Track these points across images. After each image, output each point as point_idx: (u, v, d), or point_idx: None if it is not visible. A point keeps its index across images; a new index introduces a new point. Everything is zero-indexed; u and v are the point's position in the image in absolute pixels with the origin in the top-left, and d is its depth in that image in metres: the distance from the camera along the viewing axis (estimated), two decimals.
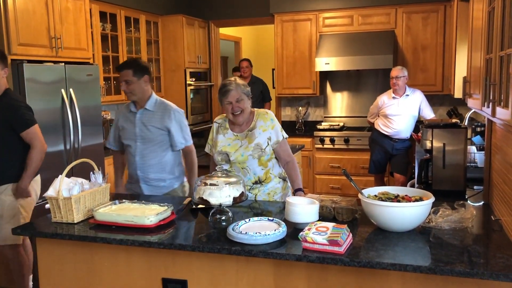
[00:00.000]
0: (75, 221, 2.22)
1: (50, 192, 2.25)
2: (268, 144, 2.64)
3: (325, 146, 5.73)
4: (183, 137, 2.99)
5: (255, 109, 2.74)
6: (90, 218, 2.26)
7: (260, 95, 6.12)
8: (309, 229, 1.84)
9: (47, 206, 2.29)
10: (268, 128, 2.65)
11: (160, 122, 2.93)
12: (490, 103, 1.82)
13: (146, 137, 2.95)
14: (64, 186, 2.26)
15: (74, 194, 2.23)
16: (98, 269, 2.13)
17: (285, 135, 2.73)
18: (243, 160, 2.60)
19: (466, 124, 4.06)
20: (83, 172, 2.67)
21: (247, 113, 2.63)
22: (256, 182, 2.64)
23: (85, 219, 2.26)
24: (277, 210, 2.41)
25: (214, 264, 1.96)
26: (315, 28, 5.90)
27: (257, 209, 2.45)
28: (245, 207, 2.45)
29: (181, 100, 6.08)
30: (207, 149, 2.82)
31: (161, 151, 2.96)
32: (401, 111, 4.74)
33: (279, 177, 2.73)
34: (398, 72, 4.71)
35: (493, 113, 1.79)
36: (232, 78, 2.66)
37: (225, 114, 2.77)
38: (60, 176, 2.26)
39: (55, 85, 3.79)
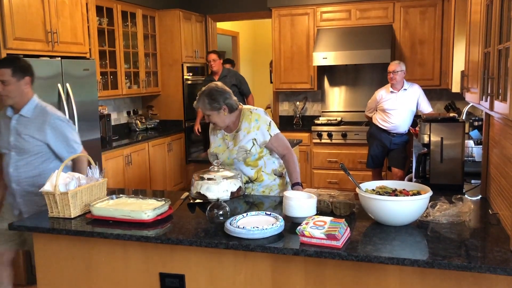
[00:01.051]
0: (72, 216, 2.21)
1: (47, 187, 2.24)
2: (254, 144, 2.57)
3: (323, 141, 5.73)
4: (67, 149, 2.62)
5: (243, 107, 2.65)
6: (87, 213, 2.25)
7: (235, 89, 5.45)
8: (306, 223, 1.84)
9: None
10: (253, 129, 2.56)
11: (37, 132, 2.59)
12: (488, 97, 1.81)
13: (21, 147, 2.60)
14: (61, 181, 2.25)
15: (71, 189, 2.22)
16: (95, 264, 2.13)
17: (275, 132, 2.61)
18: (229, 163, 2.58)
19: (463, 118, 4.06)
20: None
21: (223, 123, 2.57)
22: (247, 182, 2.62)
23: (82, 214, 2.26)
24: (275, 205, 2.40)
25: (211, 258, 1.95)
26: (312, 23, 5.88)
27: (255, 204, 2.45)
28: (243, 201, 2.45)
29: (178, 95, 6.07)
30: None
31: (40, 162, 2.62)
32: (399, 106, 4.74)
33: (274, 174, 2.69)
34: (395, 66, 4.70)
35: (491, 107, 1.79)
36: (204, 88, 2.55)
37: None
38: (56, 171, 2.25)
39: (52, 80, 3.77)
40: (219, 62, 5.61)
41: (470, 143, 3.37)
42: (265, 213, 2.07)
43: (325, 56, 5.54)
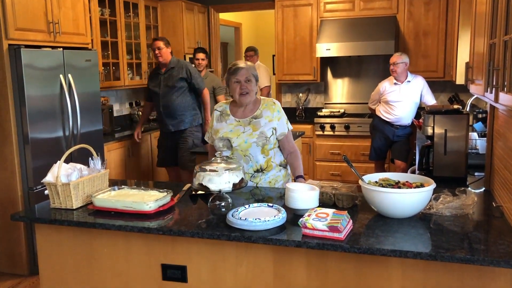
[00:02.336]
0: (74, 207, 2.21)
1: (49, 178, 2.24)
2: (273, 133, 2.63)
3: (326, 133, 5.71)
4: None
5: (262, 97, 2.72)
6: (89, 204, 2.25)
7: (184, 84, 4.64)
8: (309, 215, 1.83)
9: (46, 192, 2.28)
10: (275, 119, 2.63)
11: None
12: (493, 89, 1.79)
13: None
14: (63, 172, 2.24)
15: (73, 180, 2.22)
16: (97, 255, 2.13)
17: (290, 127, 2.73)
18: (246, 147, 2.58)
19: (467, 110, 4.04)
20: (82, 158, 2.66)
21: (252, 96, 2.61)
22: (257, 171, 2.63)
23: (84, 205, 2.25)
24: (278, 196, 2.40)
25: (213, 250, 1.95)
26: (316, 14, 5.84)
27: (258, 195, 2.44)
28: (246, 193, 2.44)
29: None
30: (206, 137, 2.79)
31: None
32: (403, 98, 4.71)
33: (280, 165, 2.72)
34: (396, 58, 4.67)
35: (496, 99, 1.77)
36: (242, 60, 2.64)
37: (225, 101, 2.75)
38: (58, 162, 2.25)
39: (53, 71, 3.75)
40: (166, 50, 4.59)
41: (474, 135, 3.35)
42: (267, 204, 2.07)
43: (328, 47, 5.51)
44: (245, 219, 1.86)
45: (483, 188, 2.47)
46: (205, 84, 4.77)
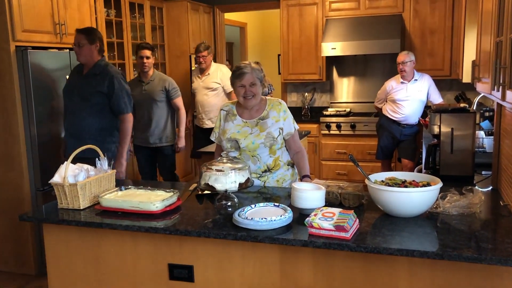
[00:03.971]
0: (81, 207, 2.22)
1: (56, 179, 2.26)
2: (280, 133, 2.63)
3: (332, 132, 5.70)
4: None
5: (268, 97, 2.72)
6: (96, 204, 2.26)
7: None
8: (315, 215, 1.83)
9: (53, 192, 2.30)
10: (281, 119, 2.63)
11: None
12: (500, 87, 1.78)
13: None
14: (70, 172, 2.26)
15: (80, 181, 2.23)
16: (104, 255, 2.14)
17: (297, 127, 2.73)
18: (254, 148, 2.58)
19: (474, 109, 4.02)
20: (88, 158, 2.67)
21: (258, 99, 2.60)
22: (265, 171, 2.63)
23: (91, 205, 2.27)
24: (285, 195, 2.40)
25: (220, 249, 1.95)
26: (321, 13, 5.83)
27: (265, 194, 2.45)
28: (253, 192, 2.44)
29: (186, 87, 6.06)
30: (212, 137, 2.79)
31: None
32: (410, 96, 4.69)
33: (288, 165, 2.72)
34: (404, 57, 4.65)
35: (503, 97, 1.76)
36: (247, 62, 2.63)
37: (231, 101, 2.75)
38: (65, 162, 2.26)
39: (60, 72, 3.78)
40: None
41: (481, 133, 3.33)
42: (274, 204, 2.07)
43: (334, 46, 5.50)
44: (252, 218, 1.87)
45: (490, 187, 2.46)
46: (179, 93, 4.39)
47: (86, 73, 3.37)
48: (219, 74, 5.06)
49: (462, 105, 2.99)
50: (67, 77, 3.66)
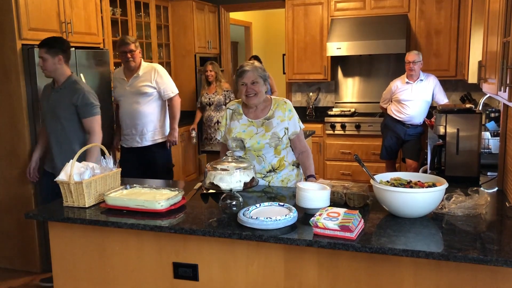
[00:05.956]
0: (87, 206, 2.23)
1: (62, 177, 2.26)
2: (285, 133, 2.63)
3: (336, 132, 5.70)
4: None
5: (273, 97, 2.72)
6: (101, 202, 2.27)
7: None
8: (320, 215, 1.83)
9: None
10: (286, 119, 2.63)
11: None
12: (507, 88, 1.78)
13: None
14: (75, 170, 2.26)
15: (85, 179, 2.24)
16: (109, 253, 2.14)
17: (302, 126, 2.72)
18: (259, 148, 2.58)
19: (480, 109, 4.00)
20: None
21: (261, 97, 2.60)
22: (270, 171, 2.63)
23: (96, 204, 2.27)
24: (290, 195, 2.39)
25: (224, 249, 1.96)
26: (326, 12, 5.82)
27: (270, 194, 2.45)
28: (258, 191, 2.44)
29: (191, 86, 6.07)
30: (218, 136, 2.79)
31: None
32: (415, 97, 4.68)
33: (293, 165, 2.72)
34: (414, 57, 4.64)
35: (510, 98, 1.75)
36: (251, 61, 2.64)
37: (237, 100, 2.75)
38: (71, 160, 2.27)
39: None
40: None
41: (487, 134, 3.32)
42: (278, 204, 2.07)
43: (339, 46, 5.49)
44: (256, 218, 1.87)
45: (496, 188, 2.45)
46: (93, 112, 3.24)
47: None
48: (153, 75, 3.92)
49: (468, 105, 2.97)
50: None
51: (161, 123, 4.06)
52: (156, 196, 2.21)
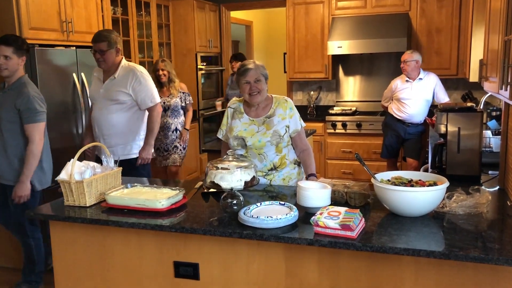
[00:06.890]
0: (87, 205, 2.23)
1: (62, 176, 2.27)
2: (286, 131, 2.63)
3: (337, 131, 5.69)
4: None
5: (274, 95, 2.72)
6: (102, 201, 2.27)
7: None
8: (321, 214, 1.83)
9: (60, 189, 2.31)
10: (287, 117, 2.63)
11: None
12: (508, 86, 1.77)
13: None
14: (76, 169, 2.26)
15: (86, 178, 2.24)
16: (110, 252, 2.15)
17: (303, 124, 2.73)
18: (260, 146, 2.58)
19: (481, 108, 3.99)
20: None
21: (263, 95, 2.61)
22: (271, 169, 2.63)
23: (97, 203, 2.28)
24: (291, 194, 2.39)
25: (225, 247, 1.96)
26: (327, 11, 5.81)
27: (271, 193, 2.44)
28: (259, 190, 2.44)
29: (192, 85, 6.07)
30: (219, 135, 2.79)
31: None
32: (415, 95, 4.68)
33: (294, 163, 2.72)
34: (406, 56, 4.64)
35: (511, 96, 1.75)
36: (252, 60, 2.65)
37: (238, 99, 2.75)
38: (72, 160, 2.27)
39: (67, 69, 3.79)
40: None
41: (488, 133, 3.31)
42: (279, 202, 2.07)
43: (340, 45, 5.48)
44: (257, 217, 1.87)
45: (497, 187, 2.45)
46: (38, 118, 3.01)
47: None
48: (130, 80, 3.33)
49: (469, 104, 2.97)
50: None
51: (135, 137, 3.44)
52: (157, 195, 2.21)
